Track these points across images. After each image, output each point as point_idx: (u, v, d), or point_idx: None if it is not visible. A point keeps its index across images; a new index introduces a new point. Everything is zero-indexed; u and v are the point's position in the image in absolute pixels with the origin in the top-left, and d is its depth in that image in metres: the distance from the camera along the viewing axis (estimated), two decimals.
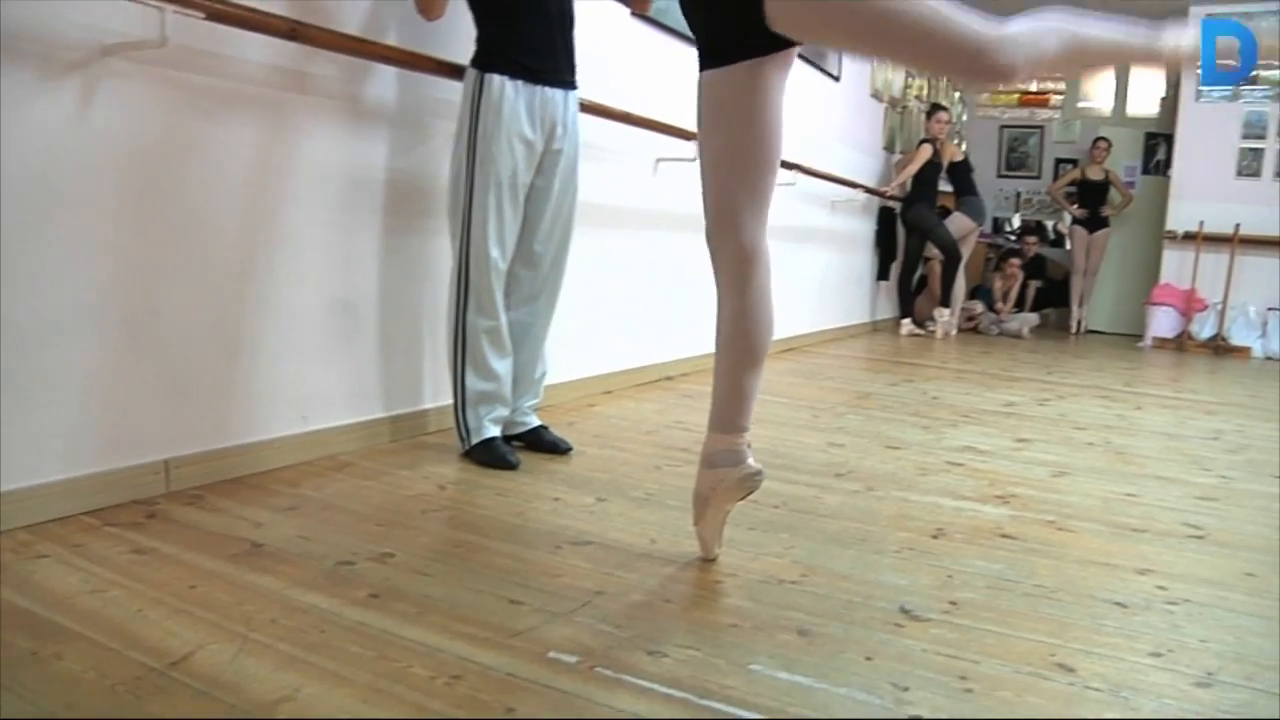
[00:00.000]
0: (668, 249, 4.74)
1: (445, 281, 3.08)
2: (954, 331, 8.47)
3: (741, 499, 2.21)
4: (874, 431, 3.87)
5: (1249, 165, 9.40)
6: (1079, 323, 10.02)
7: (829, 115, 6.81)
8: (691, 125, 4.41)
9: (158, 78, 2.37)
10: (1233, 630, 2.06)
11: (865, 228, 7.96)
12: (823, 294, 7.04)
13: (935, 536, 2.54)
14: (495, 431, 3.07)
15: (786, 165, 5.57)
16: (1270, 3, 7.58)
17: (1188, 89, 9.48)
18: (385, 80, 3.06)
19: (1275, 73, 9.37)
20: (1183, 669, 1.84)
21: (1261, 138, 9.33)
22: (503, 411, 3.10)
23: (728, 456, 2.22)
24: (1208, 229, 9.08)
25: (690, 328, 4.99)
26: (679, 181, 4.65)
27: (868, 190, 7.48)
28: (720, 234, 2.29)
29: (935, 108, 8.40)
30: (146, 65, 2.32)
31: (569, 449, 3.21)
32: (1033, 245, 10.00)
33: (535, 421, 3.26)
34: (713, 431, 2.29)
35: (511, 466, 2.97)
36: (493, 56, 2.91)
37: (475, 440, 3.03)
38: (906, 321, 8.22)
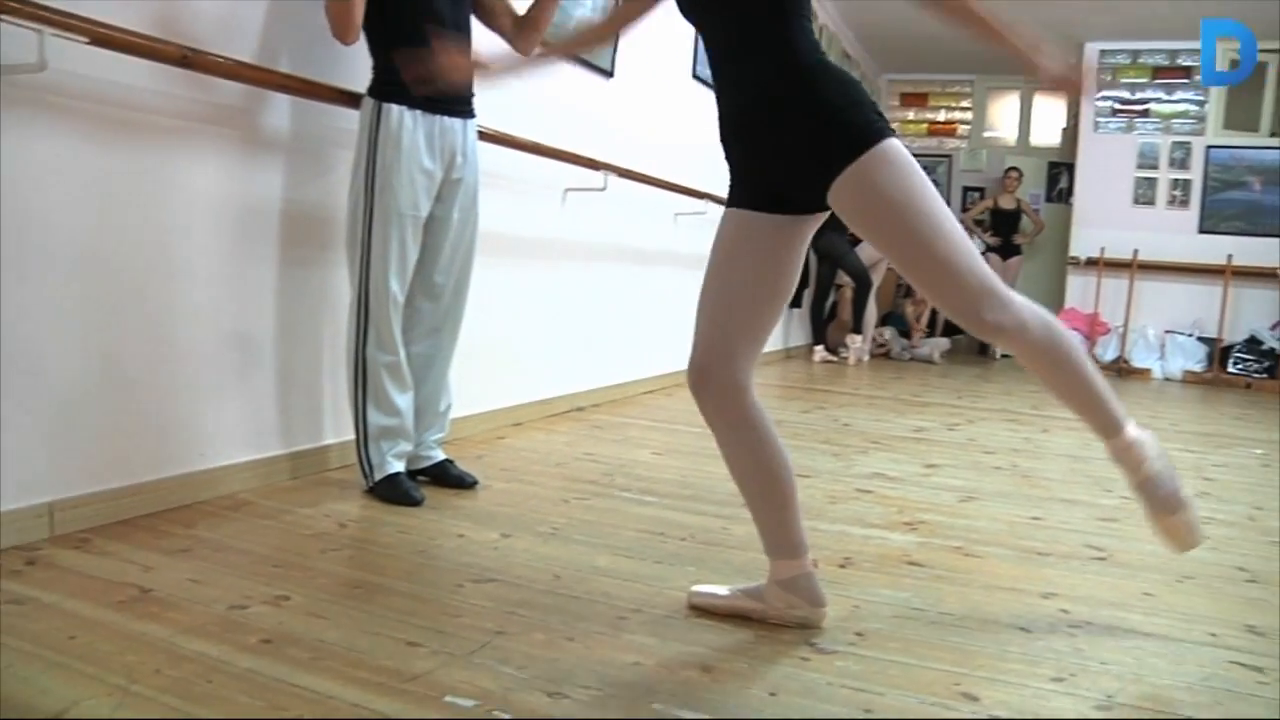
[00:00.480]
0: (578, 279, 4.72)
1: (346, 314, 3.01)
2: (866, 358, 8.56)
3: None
4: None
5: (1144, 194, 9.69)
6: (998, 348, 10.20)
7: None
8: (598, 154, 4.45)
9: (37, 103, 2.28)
10: (1131, 652, 2.08)
11: None
12: None
13: (843, 566, 2.53)
14: (398, 467, 3.00)
15: (696, 194, 5.60)
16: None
17: (1086, 120, 9.76)
18: (282, 109, 2.99)
19: (1165, 106, 9.70)
20: (1083, 693, 1.85)
21: (1154, 167, 9.65)
22: (406, 446, 3.04)
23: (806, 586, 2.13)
24: (1108, 255, 9.34)
25: (601, 358, 4.98)
26: (587, 212, 4.64)
27: None
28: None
29: None
30: (23, 90, 2.23)
31: (474, 483, 3.16)
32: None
33: (440, 455, 3.20)
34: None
35: (415, 503, 2.90)
36: (390, 85, 2.85)
37: (378, 477, 2.96)
38: (819, 348, 8.29)
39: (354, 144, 2.94)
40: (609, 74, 4.80)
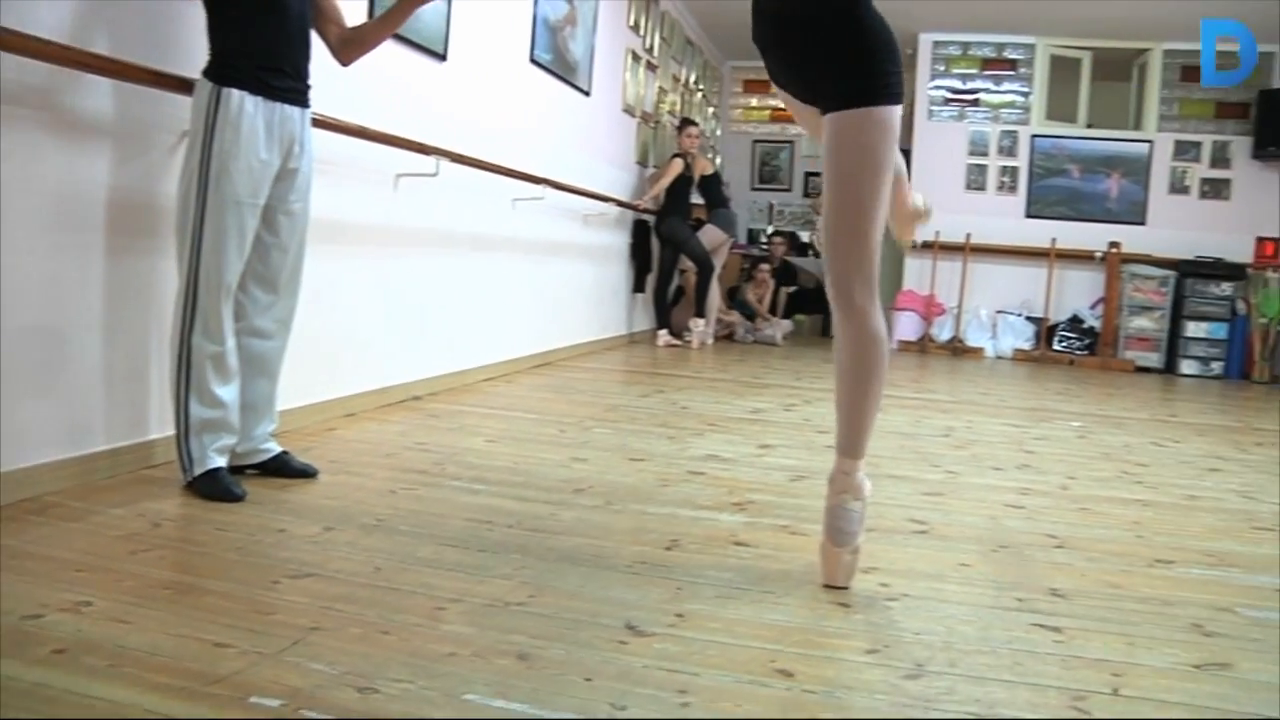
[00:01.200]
0: (413, 266, 4.63)
1: (172, 303, 2.88)
2: (710, 341, 8.67)
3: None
4: (619, 444, 3.88)
5: (975, 180, 10.06)
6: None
7: (580, 130, 6.85)
8: (430, 138, 4.37)
9: None
10: (943, 620, 2.15)
11: (619, 241, 8.03)
12: (577, 307, 7.06)
13: (669, 549, 2.55)
14: (220, 462, 2.89)
15: (534, 179, 5.57)
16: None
17: (920, 109, 10.06)
18: (101, 91, 2.82)
19: (994, 96, 10.08)
20: (895, 663, 1.91)
21: (985, 155, 10.03)
22: (229, 440, 2.94)
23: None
24: (943, 238, 9.65)
25: (439, 346, 4.91)
26: (421, 198, 4.56)
27: (620, 204, 7.56)
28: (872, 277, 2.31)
29: (686, 122, 8.58)
30: None
31: (316, 473, 3.09)
32: (779, 246, 10.39)
33: (277, 448, 3.11)
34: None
35: (236, 498, 2.81)
36: (231, 69, 2.75)
37: (198, 471, 2.85)
38: (663, 332, 8.35)
39: (178, 128, 2.82)
40: (442, 57, 4.72)
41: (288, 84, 2.87)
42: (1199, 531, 3.13)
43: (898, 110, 2.23)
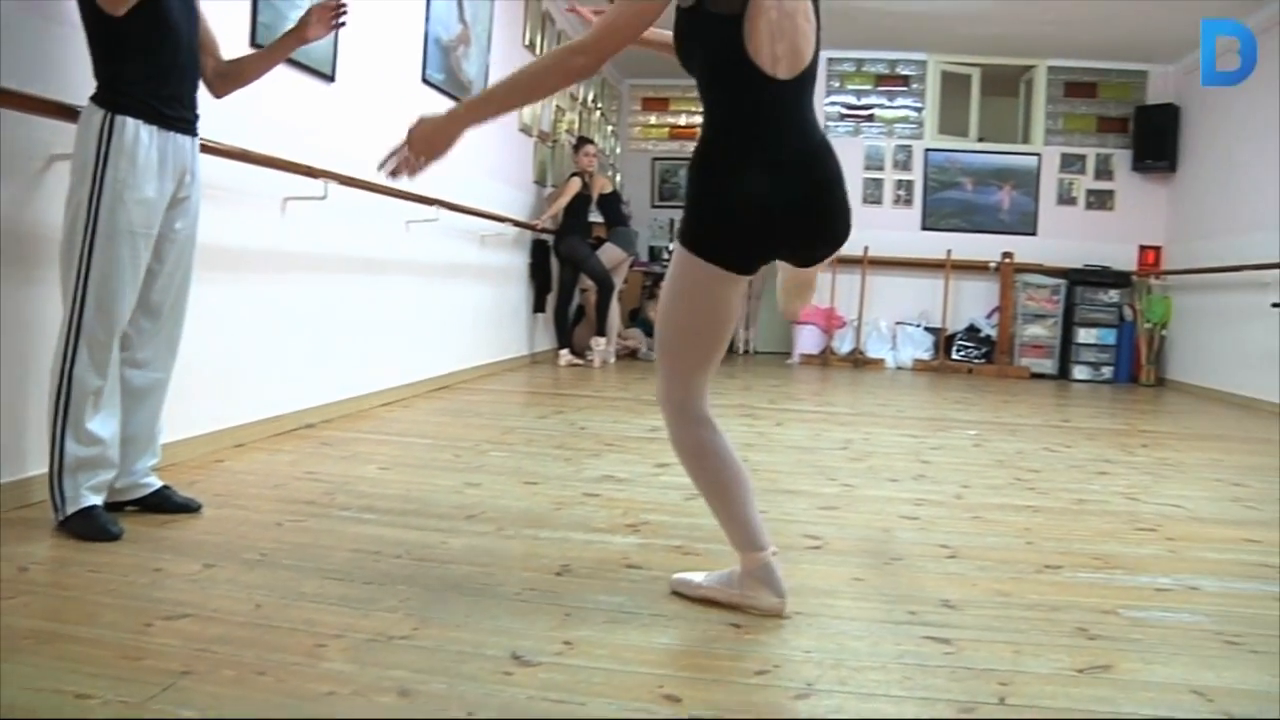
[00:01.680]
0: (303, 291, 4.54)
1: (52, 336, 2.76)
2: (612, 360, 8.64)
3: None
4: (514, 468, 3.83)
5: (872, 194, 10.23)
6: (746, 343, 10.58)
7: (476, 150, 6.78)
8: (319, 161, 4.29)
9: None
10: (835, 637, 2.15)
11: (518, 261, 7.97)
12: (477, 329, 6.98)
13: (559, 574, 2.51)
14: (96, 500, 2.77)
15: (427, 201, 5.50)
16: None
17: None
18: None
19: (888, 111, 10.27)
20: (785, 683, 1.90)
21: (881, 169, 10.22)
22: (106, 477, 2.82)
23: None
24: (841, 251, 9.73)
25: (332, 371, 4.81)
26: (310, 221, 4.47)
27: (517, 224, 7.51)
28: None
29: (582, 141, 8.57)
30: None
31: (199, 508, 2.98)
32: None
33: (158, 483, 3.00)
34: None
35: (112, 537, 2.70)
36: (124, 97, 2.68)
37: (71, 510, 2.73)
38: (564, 352, 8.31)
39: (55, 153, 2.71)
40: (330, 78, 4.64)
41: (180, 112, 2.82)
42: (1086, 535, 3.19)
43: None
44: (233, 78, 3.12)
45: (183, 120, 2.84)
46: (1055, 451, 4.88)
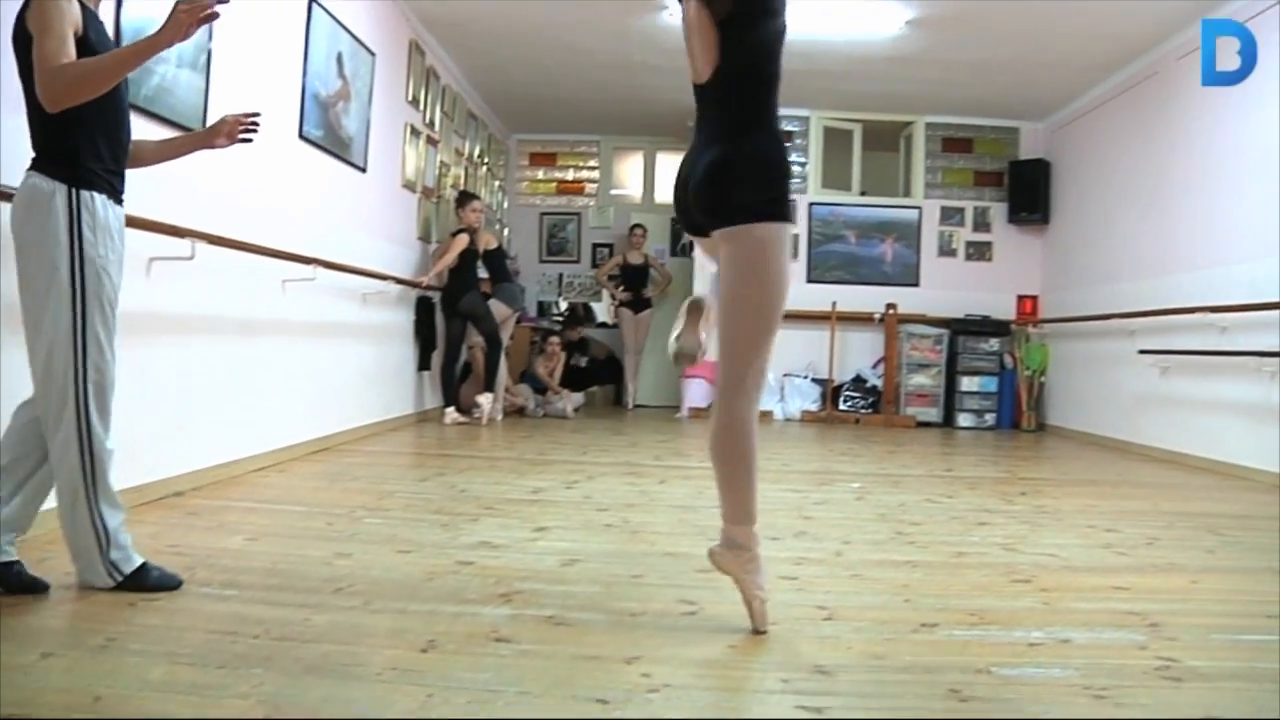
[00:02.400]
0: (171, 355, 4.37)
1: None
2: (499, 417, 8.52)
3: None
4: (389, 535, 3.71)
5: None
6: (632, 398, 10.56)
7: (357, 207, 6.69)
8: (187, 221, 4.16)
9: None
10: (705, 710, 2.11)
11: (402, 318, 7.84)
12: (358, 389, 6.82)
13: (425, 650, 2.41)
14: None
15: (304, 260, 5.39)
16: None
17: None
18: None
19: None
20: None
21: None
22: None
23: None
24: None
25: (202, 437, 4.63)
26: (177, 282, 4.32)
27: (400, 281, 7.40)
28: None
29: (467, 196, 8.51)
30: None
31: (47, 588, 2.80)
32: (575, 335, 10.47)
33: (13, 555, 2.81)
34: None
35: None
36: (87, 173, 2.70)
37: None
38: (451, 410, 8.16)
39: None
40: None
41: (122, 186, 2.87)
42: (963, 590, 3.21)
43: None
44: (134, 159, 3.05)
45: (122, 193, 2.88)
46: (937, 502, 4.93)
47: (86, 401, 2.70)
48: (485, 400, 8.20)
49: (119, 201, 2.84)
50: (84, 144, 2.70)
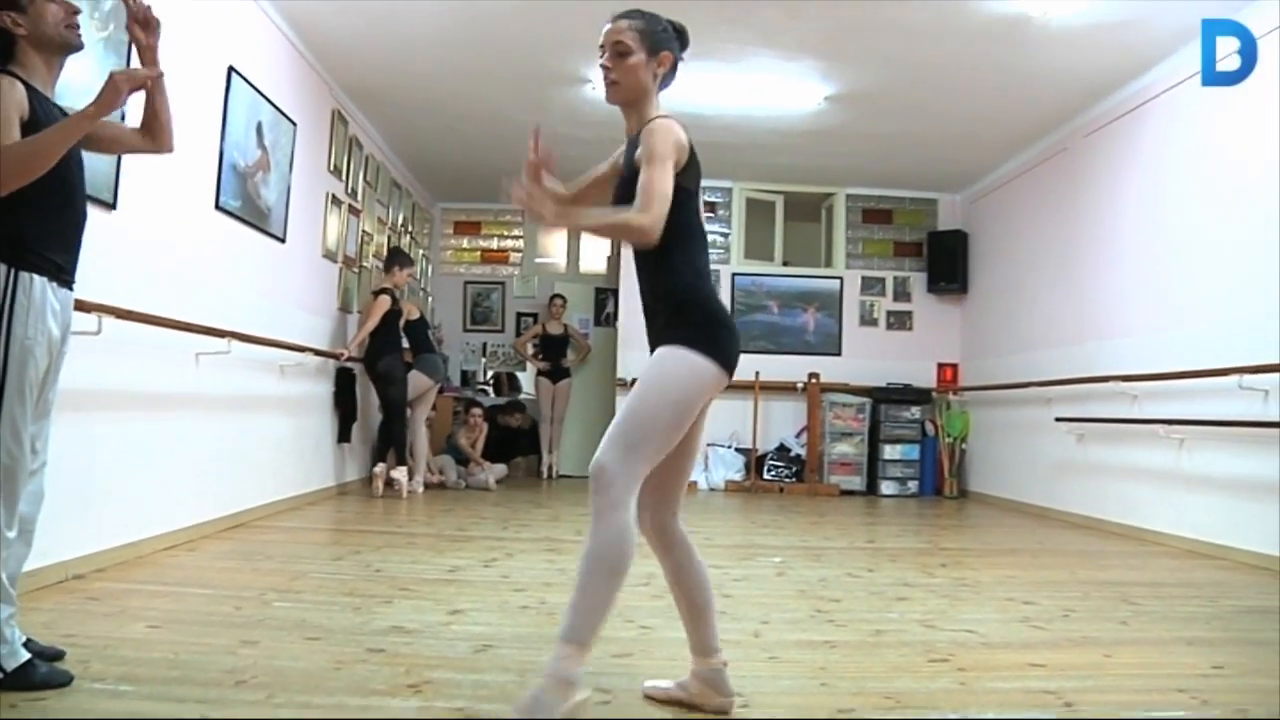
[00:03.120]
0: (74, 432, 4.19)
1: None
2: (420, 489, 8.33)
3: None
4: (298, 620, 3.58)
5: None
6: (550, 468, 10.46)
7: (275, 277, 6.59)
8: (94, 294, 4.05)
9: None
10: None
11: (321, 389, 7.71)
12: (275, 462, 6.66)
13: None
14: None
15: (218, 333, 5.29)
16: None
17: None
18: None
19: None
20: None
21: None
22: None
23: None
24: None
25: (106, 516, 4.48)
26: (83, 357, 4.18)
27: (319, 353, 7.29)
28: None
29: (400, 257, 8.44)
30: None
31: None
32: (516, 420, 10.46)
33: None
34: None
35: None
36: (29, 254, 2.67)
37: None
38: (400, 470, 7.96)
39: None
40: (110, 205, 4.41)
41: (70, 269, 2.86)
42: (881, 671, 3.19)
43: None
44: (146, 129, 3.09)
45: (70, 276, 2.86)
46: (858, 577, 4.93)
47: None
48: (401, 474, 8.02)
49: (65, 285, 2.82)
50: (28, 226, 2.67)
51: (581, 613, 2.44)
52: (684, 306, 2.65)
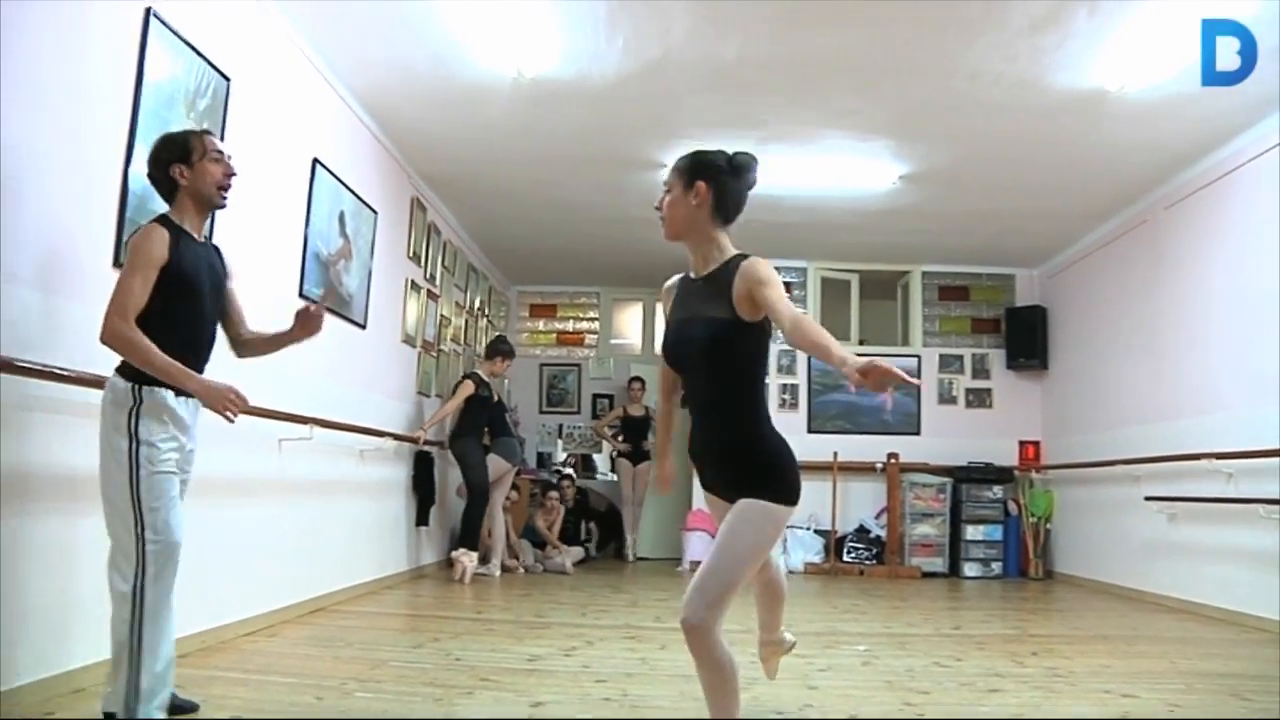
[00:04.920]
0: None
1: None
2: (497, 574, 8.30)
3: None
4: (380, 711, 3.54)
5: (789, 400, 10.34)
6: (631, 550, 10.42)
7: (356, 363, 6.69)
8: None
9: None
10: None
11: (400, 473, 7.77)
12: (354, 546, 6.69)
13: None
14: None
15: (300, 420, 5.35)
16: None
17: None
18: None
19: None
20: None
21: (766, 374, 10.32)
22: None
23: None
24: None
25: (188, 602, 4.49)
26: None
27: (397, 438, 7.35)
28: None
29: (504, 348, 8.63)
30: None
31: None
32: (569, 489, 10.34)
33: None
34: None
35: None
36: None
37: None
38: (465, 554, 7.93)
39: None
40: None
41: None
42: None
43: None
44: (248, 347, 3.66)
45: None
46: (946, 666, 4.77)
47: (143, 555, 3.07)
48: (471, 558, 7.95)
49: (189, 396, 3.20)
50: (159, 340, 3.06)
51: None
52: (763, 457, 2.87)
